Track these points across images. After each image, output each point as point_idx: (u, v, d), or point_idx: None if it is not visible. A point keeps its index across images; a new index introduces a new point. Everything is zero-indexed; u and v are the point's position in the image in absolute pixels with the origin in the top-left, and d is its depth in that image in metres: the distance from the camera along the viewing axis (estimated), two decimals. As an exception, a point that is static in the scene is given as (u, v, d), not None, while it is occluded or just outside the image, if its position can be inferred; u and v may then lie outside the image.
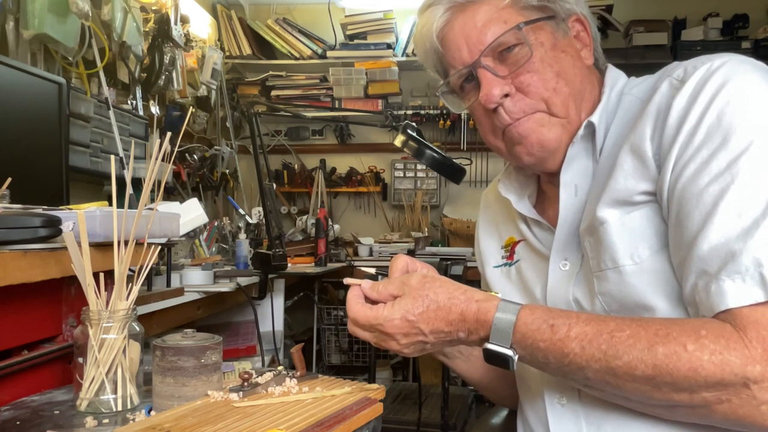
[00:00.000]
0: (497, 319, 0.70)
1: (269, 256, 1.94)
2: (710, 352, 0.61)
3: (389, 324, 0.74)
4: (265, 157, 2.13)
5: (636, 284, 0.72)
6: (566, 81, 0.80)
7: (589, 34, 0.86)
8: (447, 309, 0.72)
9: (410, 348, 0.75)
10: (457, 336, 0.73)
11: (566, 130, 0.81)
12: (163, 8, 2.72)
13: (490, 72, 0.80)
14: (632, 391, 0.66)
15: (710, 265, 0.64)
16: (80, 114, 2.10)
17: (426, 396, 2.47)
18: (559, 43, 0.82)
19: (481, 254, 1.01)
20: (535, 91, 0.80)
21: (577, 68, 0.83)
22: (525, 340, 0.69)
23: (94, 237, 0.82)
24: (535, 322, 0.69)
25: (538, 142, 0.81)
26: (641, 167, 0.73)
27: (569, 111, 0.81)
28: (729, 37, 3.47)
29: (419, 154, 1.11)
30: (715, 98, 0.68)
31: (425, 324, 0.73)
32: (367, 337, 0.77)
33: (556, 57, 0.81)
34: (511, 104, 0.81)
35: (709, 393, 0.61)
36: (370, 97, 3.76)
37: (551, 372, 0.72)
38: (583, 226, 0.79)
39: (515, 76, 0.80)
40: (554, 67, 0.80)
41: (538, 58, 0.80)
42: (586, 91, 0.83)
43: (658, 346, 0.63)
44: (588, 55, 0.85)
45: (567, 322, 0.68)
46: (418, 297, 0.73)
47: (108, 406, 0.76)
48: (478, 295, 0.73)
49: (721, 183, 0.65)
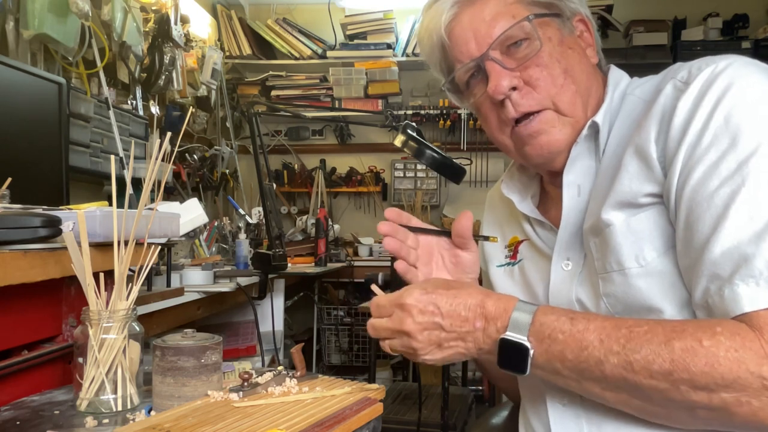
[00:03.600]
0: (517, 309, 0.71)
1: (269, 256, 1.94)
2: (726, 348, 0.60)
3: (408, 295, 0.73)
4: (265, 157, 2.13)
5: (641, 287, 0.72)
6: (573, 78, 0.80)
7: (591, 35, 0.86)
8: (467, 294, 0.73)
9: (424, 336, 0.73)
10: (475, 326, 0.72)
11: (575, 129, 0.81)
12: (163, 8, 2.72)
13: (499, 64, 0.80)
14: (651, 391, 0.64)
15: (723, 269, 0.64)
16: (80, 114, 2.10)
17: (426, 396, 2.47)
18: (566, 40, 0.82)
19: (484, 253, 1.01)
20: (543, 85, 0.80)
21: (584, 65, 0.83)
22: (544, 330, 0.69)
23: (94, 237, 0.82)
24: (555, 313, 0.70)
25: (548, 143, 0.81)
26: (646, 169, 0.72)
27: (576, 109, 0.81)
28: (729, 37, 3.47)
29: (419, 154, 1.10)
30: (721, 100, 0.67)
31: (443, 301, 0.72)
32: (385, 325, 0.75)
33: (563, 53, 0.81)
34: (519, 97, 0.80)
35: (728, 393, 0.60)
36: (370, 97, 3.76)
37: (566, 377, 0.70)
38: (586, 227, 0.79)
39: (523, 69, 0.80)
40: (562, 63, 0.80)
41: (546, 53, 0.80)
42: (592, 90, 0.83)
43: (674, 341, 0.62)
44: (593, 54, 0.86)
45: (586, 317, 0.69)
46: (441, 284, 0.75)
47: (108, 406, 0.76)
48: (499, 293, 0.75)
49: (731, 185, 0.65)
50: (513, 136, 0.83)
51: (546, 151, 0.82)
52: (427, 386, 2.66)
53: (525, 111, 0.80)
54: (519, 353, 0.69)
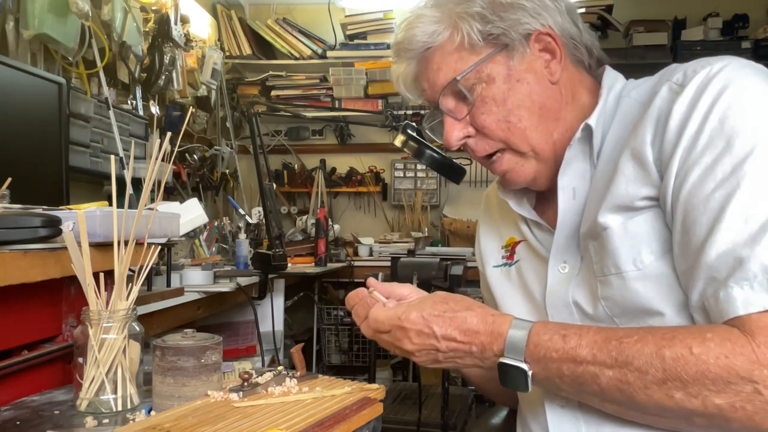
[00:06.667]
0: (512, 330, 0.72)
1: (269, 256, 1.94)
2: (716, 355, 0.60)
3: (405, 318, 0.75)
4: (265, 157, 2.13)
5: (639, 290, 0.72)
6: (521, 115, 0.81)
7: (558, 43, 0.82)
8: (462, 318, 0.74)
9: (422, 354, 0.76)
10: (470, 350, 0.74)
11: (539, 159, 0.83)
12: (163, 8, 2.72)
13: (450, 115, 0.84)
14: (646, 400, 0.64)
15: (718, 271, 0.64)
16: (80, 114, 2.10)
17: (426, 396, 2.47)
18: (514, 72, 0.81)
19: (481, 254, 1.01)
20: (491, 132, 0.83)
21: (541, 89, 0.81)
22: (538, 351, 0.70)
23: (94, 237, 0.82)
24: (548, 332, 0.70)
25: (518, 177, 0.85)
26: (642, 173, 0.72)
27: (532, 143, 0.82)
28: (729, 37, 3.47)
29: (419, 154, 1.10)
30: (716, 103, 0.67)
31: (438, 326, 0.74)
32: (383, 338, 0.79)
33: (510, 89, 0.81)
34: (474, 143, 0.85)
35: (721, 399, 0.60)
36: (370, 97, 3.76)
37: (567, 390, 0.72)
38: (583, 230, 0.79)
39: (472, 117, 0.83)
40: (507, 104, 0.81)
41: (489, 98, 0.81)
42: (563, 105, 0.83)
43: (664, 349, 0.63)
44: (557, 68, 0.82)
45: (578, 332, 0.69)
46: (438, 302, 0.76)
47: (108, 406, 0.76)
48: (494, 312, 0.76)
49: (726, 188, 0.65)
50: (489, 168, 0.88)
51: (521, 182, 0.86)
52: (427, 386, 2.66)
53: (483, 155, 0.85)
54: (518, 375, 0.71)
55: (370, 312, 0.79)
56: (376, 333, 0.79)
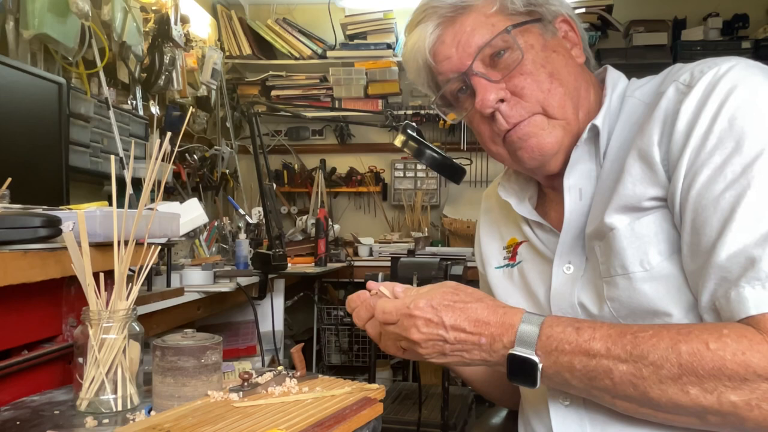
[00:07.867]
0: (523, 322, 0.71)
1: (269, 256, 1.95)
2: (733, 351, 0.60)
3: (414, 306, 0.74)
4: (265, 157, 2.13)
5: (646, 291, 0.72)
6: (560, 81, 0.80)
7: (577, 34, 0.86)
8: (473, 309, 0.73)
9: (428, 345, 0.74)
10: (479, 342, 0.72)
11: (566, 131, 0.81)
12: (163, 8, 2.72)
13: (483, 78, 0.81)
14: (660, 396, 0.64)
15: (730, 272, 0.64)
16: (80, 114, 2.10)
17: (426, 396, 2.47)
18: (549, 44, 0.82)
19: (482, 255, 1.00)
20: (530, 93, 0.80)
21: (570, 67, 0.83)
22: (550, 343, 0.69)
23: (94, 237, 0.82)
24: (561, 325, 0.69)
25: (538, 146, 0.81)
26: (649, 173, 0.72)
27: (566, 111, 0.80)
28: (729, 37, 3.47)
29: (419, 154, 1.11)
30: (725, 103, 0.67)
31: (448, 316, 0.73)
32: (390, 330, 0.77)
33: (547, 57, 0.81)
34: (508, 108, 0.81)
35: (737, 397, 0.60)
36: (370, 97, 3.76)
37: (577, 386, 0.70)
38: (589, 231, 0.79)
39: (509, 79, 0.80)
40: (547, 68, 0.80)
41: (529, 60, 0.80)
42: (581, 89, 0.83)
43: (681, 344, 0.62)
44: (579, 53, 0.85)
45: (592, 326, 0.68)
46: (448, 292, 0.75)
47: (108, 406, 0.76)
48: (504, 304, 0.75)
49: (737, 188, 0.65)
50: (506, 143, 0.84)
51: (538, 153, 0.81)
52: (427, 386, 2.66)
53: (516, 122, 0.81)
54: (528, 367, 0.70)
55: (377, 304, 0.78)
56: (383, 325, 0.78)
